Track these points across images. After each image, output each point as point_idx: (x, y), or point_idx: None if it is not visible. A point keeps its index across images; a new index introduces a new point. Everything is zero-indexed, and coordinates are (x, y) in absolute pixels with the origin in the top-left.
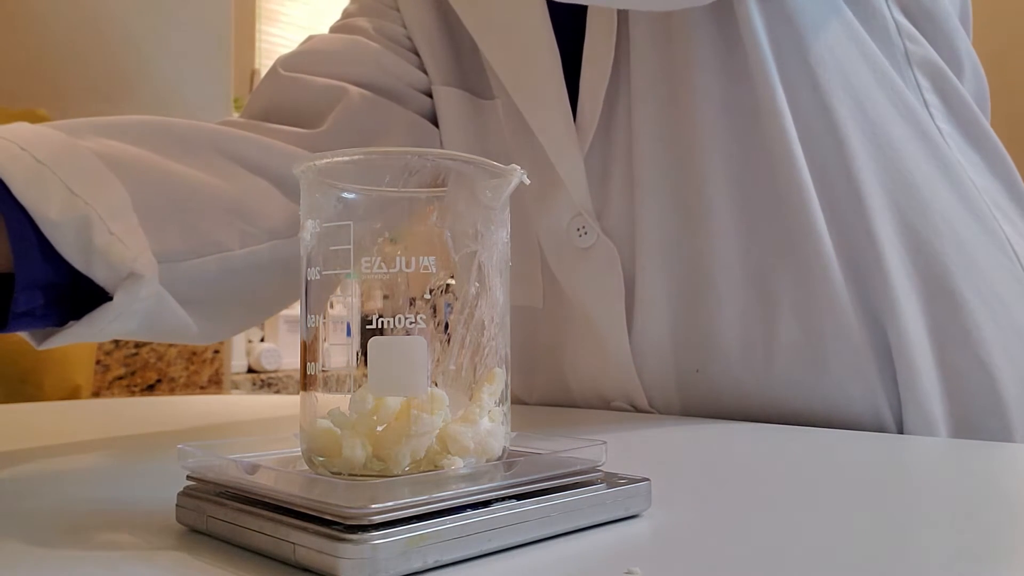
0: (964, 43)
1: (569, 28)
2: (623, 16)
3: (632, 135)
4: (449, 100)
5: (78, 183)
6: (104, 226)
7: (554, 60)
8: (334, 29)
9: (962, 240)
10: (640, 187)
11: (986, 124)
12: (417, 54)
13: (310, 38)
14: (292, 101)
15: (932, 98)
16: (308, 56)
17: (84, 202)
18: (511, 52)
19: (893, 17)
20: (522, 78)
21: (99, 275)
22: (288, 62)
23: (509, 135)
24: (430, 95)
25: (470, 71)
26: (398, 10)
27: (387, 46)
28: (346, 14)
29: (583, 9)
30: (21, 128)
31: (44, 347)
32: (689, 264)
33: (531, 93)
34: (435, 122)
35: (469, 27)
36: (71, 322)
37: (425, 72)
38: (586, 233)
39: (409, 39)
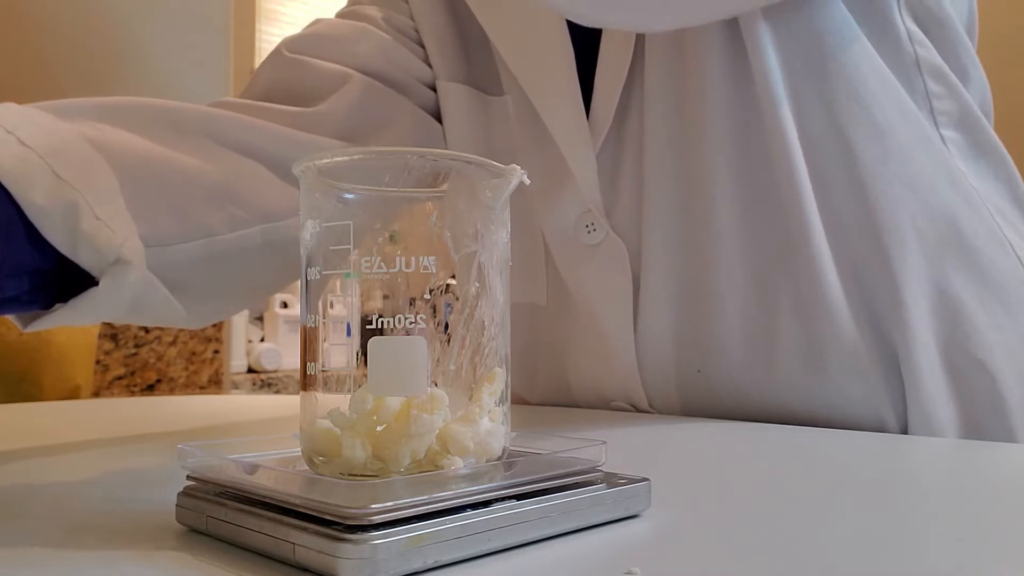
0: (968, 51)
1: (588, 27)
2: None
3: (643, 135)
4: (455, 96)
5: (65, 167)
6: (91, 211)
7: (567, 54)
8: (341, 15)
9: (966, 244)
10: (648, 187)
11: (990, 130)
12: (423, 47)
13: (317, 21)
14: (294, 83)
15: (940, 104)
16: (314, 39)
17: (71, 187)
18: (524, 46)
19: (904, 24)
20: (535, 72)
21: (85, 261)
22: (293, 44)
23: (519, 131)
24: (434, 89)
25: (478, 67)
26: (407, 2)
27: (395, 37)
28: (353, 1)
29: None
30: (7, 109)
31: (29, 330)
32: (693, 265)
33: (544, 88)
34: (438, 117)
35: (482, 21)
36: (58, 305)
37: (430, 66)
38: (595, 230)
39: (416, 32)
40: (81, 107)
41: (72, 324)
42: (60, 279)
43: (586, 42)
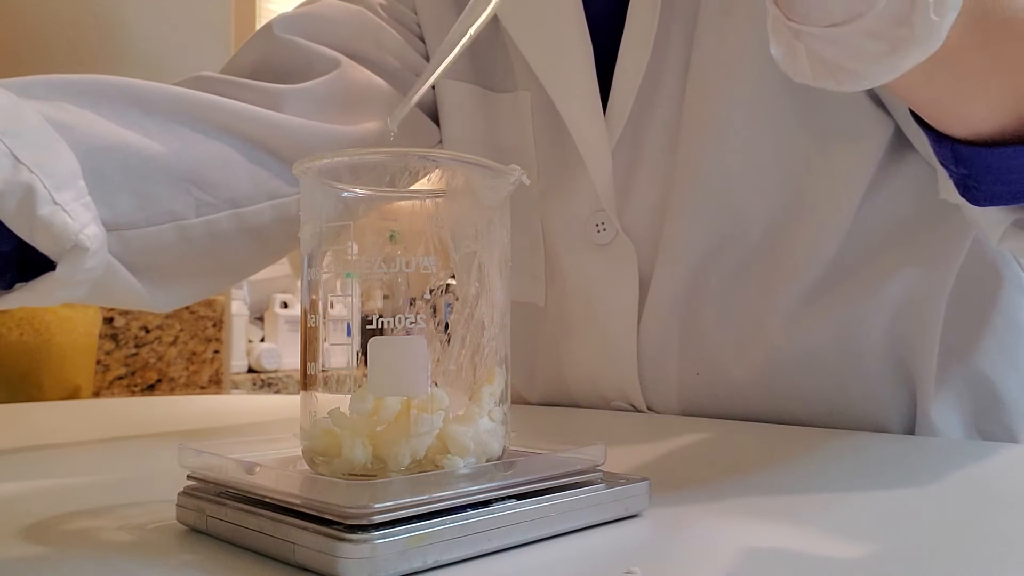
0: None
1: (609, 23)
2: (667, 12)
3: (679, 140)
4: (457, 94)
5: (24, 150)
6: (48, 196)
7: (586, 48)
8: None
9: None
10: (676, 192)
11: None
12: (423, 42)
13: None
14: (280, 63)
15: None
16: (307, 20)
17: (29, 170)
18: (544, 41)
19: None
20: (555, 67)
21: (42, 245)
22: (285, 24)
23: (535, 128)
24: (432, 86)
25: (485, 64)
26: None
27: (393, 26)
28: None
29: (623, 5)
30: None
31: None
32: (705, 271)
33: (563, 83)
34: (430, 112)
35: (500, 15)
36: (19, 285)
37: (428, 61)
38: (604, 230)
39: (418, 25)
40: (46, 85)
41: (34, 305)
42: (22, 258)
43: (607, 38)
